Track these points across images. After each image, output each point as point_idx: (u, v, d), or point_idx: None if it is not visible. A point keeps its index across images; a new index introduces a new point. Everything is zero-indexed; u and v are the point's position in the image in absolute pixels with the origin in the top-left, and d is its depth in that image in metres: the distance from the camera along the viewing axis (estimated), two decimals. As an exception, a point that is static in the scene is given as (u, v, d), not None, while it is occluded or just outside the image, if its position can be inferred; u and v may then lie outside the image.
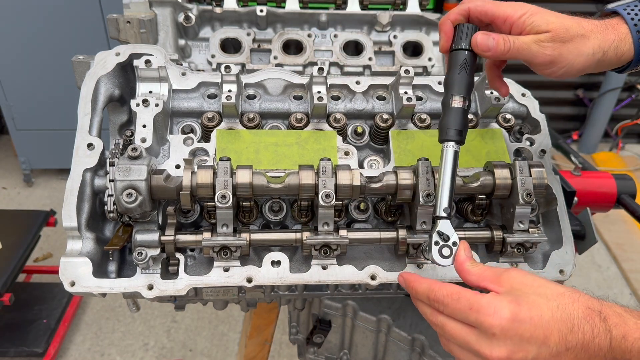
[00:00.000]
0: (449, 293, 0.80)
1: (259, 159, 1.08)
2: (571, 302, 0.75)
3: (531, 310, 0.74)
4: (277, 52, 1.54)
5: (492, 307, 0.76)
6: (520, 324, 0.74)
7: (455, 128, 0.91)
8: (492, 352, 0.75)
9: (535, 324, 0.74)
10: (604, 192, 1.47)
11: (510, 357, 0.75)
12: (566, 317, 0.74)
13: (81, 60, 1.19)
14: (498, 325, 0.74)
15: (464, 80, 0.93)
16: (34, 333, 2.79)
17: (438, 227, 0.89)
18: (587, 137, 4.92)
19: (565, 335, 0.73)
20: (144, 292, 0.98)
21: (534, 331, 0.73)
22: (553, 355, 0.73)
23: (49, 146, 3.96)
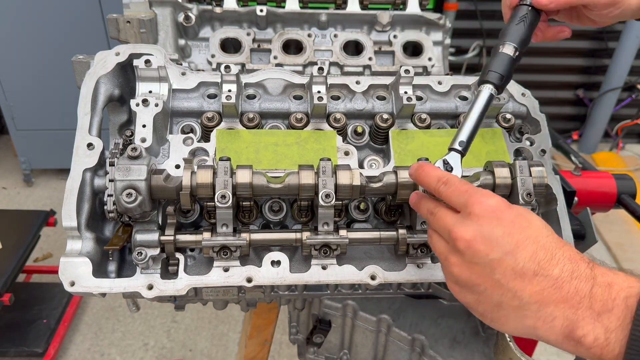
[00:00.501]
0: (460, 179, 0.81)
1: (259, 159, 1.08)
2: (562, 245, 0.72)
3: (517, 218, 0.72)
4: (277, 52, 1.54)
5: (485, 196, 0.75)
6: (499, 218, 0.72)
7: (497, 72, 0.90)
8: (459, 229, 0.74)
9: (511, 229, 0.71)
10: (604, 192, 1.47)
11: (471, 243, 0.72)
12: (549, 246, 0.70)
13: (81, 60, 1.19)
14: (477, 208, 0.73)
15: (520, 32, 0.94)
16: (34, 333, 2.79)
17: (447, 155, 0.89)
18: (587, 137, 4.92)
19: (539, 260, 0.69)
20: (144, 292, 0.98)
21: (508, 233, 0.71)
22: (516, 272, 0.70)
23: (49, 146, 3.96)
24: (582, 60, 4.79)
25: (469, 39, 4.44)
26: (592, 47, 4.70)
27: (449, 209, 0.80)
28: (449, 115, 1.19)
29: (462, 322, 1.42)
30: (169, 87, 1.12)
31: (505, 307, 0.72)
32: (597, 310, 0.66)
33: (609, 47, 4.58)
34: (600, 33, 4.58)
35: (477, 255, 0.72)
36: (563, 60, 4.78)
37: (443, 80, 1.20)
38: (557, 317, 0.68)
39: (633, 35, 4.29)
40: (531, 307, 0.70)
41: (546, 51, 4.69)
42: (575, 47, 4.72)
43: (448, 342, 1.40)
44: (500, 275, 0.71)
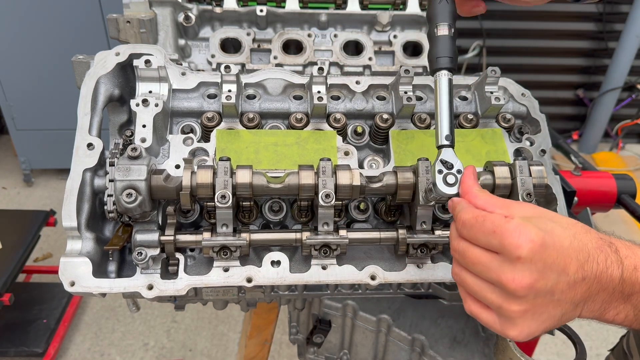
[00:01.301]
0: (475, 215, 0.77)
1: (259, 159, 1.08)
2: (584, 232, 0.74)
3: (553, 237, 0.72)
4: (277, 52, 1.54)
5: (518, 230, 0.71)
6: (546, 249, 0.71)
7: (446, 55, 0.89)
8: (514, 277, 0.71)
9: (558, 250, 0.71)
10: (604, 192, 1.47)
11: (533, 285, 0.71)
12: (582, 247, 0.73)
13: (81, 60, 1.19)
14: (525, 248, 0.70)
15: (446, 8, 0.92)
16: (34, 333, 2.79)
17: (441, 155, 0.88)
18: (587, 137, 4.92)
19: (582, 264, 0.72)
20: (144, 292, 0.98)
21: (556, 258, 0.71)
22: (570, 285, 0.72)
23: (48, 146, 3.96)
24: (582, 60, 4.79)
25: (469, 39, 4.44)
26: (592, 47, 4.70)
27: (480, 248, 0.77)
28: (449, 115, 1.19)
29: (462, 322, 1.42)
30: (169, 87, 1.12)
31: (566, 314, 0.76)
32: (627, 293, 0.73)
33: (609, 47, 4.58)
34: (600, 33, 4.58)
35: (540, 292, 0.73)
36: (563, 60, 4.78)
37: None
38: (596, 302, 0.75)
39: (633, 35, 4.29)
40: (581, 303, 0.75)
41: (546, 51, 4.70)
42: (575, 47, 4.72)
43: (448, 342, 1.40)
44: (559, 294, 0.73)
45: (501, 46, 4.58)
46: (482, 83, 1.16)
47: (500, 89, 1.18)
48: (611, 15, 4.52)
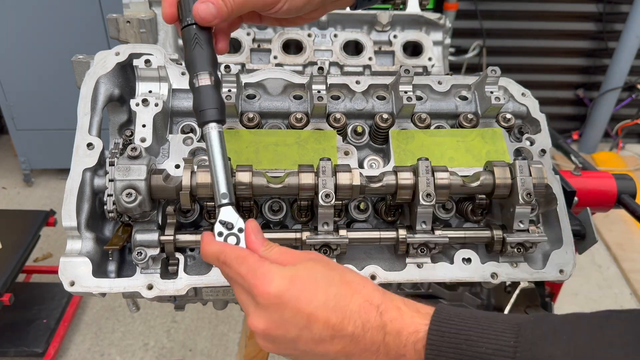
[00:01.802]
0: (236, 256, 0.77)
1: (259, 159, 1.08)
2: (351, 294, 0.73)
3: (302, 292, 0.72)
4: (277, 51, 1.54)
5: (266, 277, 0.73)
6: (284, 302, 0.72)
7: (211, 107, 0.84)
8: (252, 320, 0.75)
9: (300, 307, 0.71)
10: (604, 192, 1.47)
11: (267, 332, 0.74)
12: (339, 308, 0.72)
13: (81, 60, 1.19)
14: (262, 296, 0.72)
15: (203, 55, 0.87)
16: (34, 333, 2.79)
17: (220, 215, 0.82)
18: (587, 136, 4.92)
19: (333, 324, 0.71)
20: (144, 292, 0.98)
21: (296, 313, 0.72)
22: (316, 341, 0.72)
23: (48, 146, 3.96)
24: (582, 60, 4.79)
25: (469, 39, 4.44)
26: (592, 47, 4.70)
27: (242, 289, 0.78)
28: (449, 115, 1.19)
29: (462, 322, 1.42)
30: (169, 87, 1.12)
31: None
32: (393, 356, 0.71)
33: (609, 47, 4.57)
34: (600, 33, 4.58)
35: (277, 339, 0.75)
36: (563, 60, 4.78)
37: (443, 80, 1.19)
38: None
39: (633, 35, 4.29)
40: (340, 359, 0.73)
41: (546, 51, 4.69)
42: (576, 47, 4.72)
43: (448, 342, 1.40)
44: (304, 346, 0.73)
45: (501, 46, 4.58)
46: (482, 83, 1.16)
47: (501, 88, 1.18)
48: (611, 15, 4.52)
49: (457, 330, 0.69)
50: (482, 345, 0.66)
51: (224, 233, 0.82)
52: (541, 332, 0.65)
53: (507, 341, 0.65)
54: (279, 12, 0.89)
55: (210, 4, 0.85)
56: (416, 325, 0.71)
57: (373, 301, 0.73)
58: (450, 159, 1.12)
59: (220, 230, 0.82)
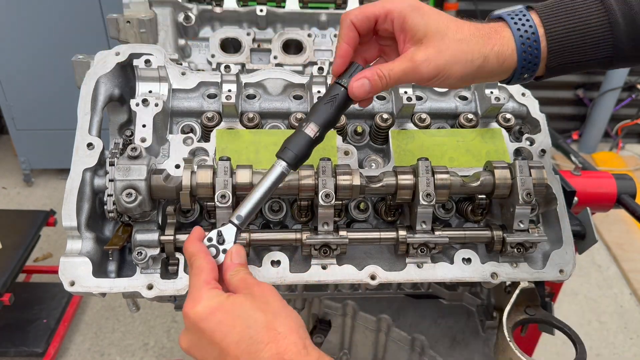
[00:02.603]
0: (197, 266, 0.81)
1: (259, 159, 1.08)
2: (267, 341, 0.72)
3: (218, 325, 0.74)
4: (277, 51, 1.54)
5: (195, 299, 0.76)
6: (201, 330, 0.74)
7: (295, 152, 0.88)
8: (180, 338, 0.79)
9: (214, 337, 0.73)
10: (604, 192, 1.47)
11: (189, 351, 0.78)
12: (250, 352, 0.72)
13: (81, 60, 1.19)
14: (185, 315, 0.76)
15: (327, 114, 0.89)
16: (34, 333, 2.79)
17: (223, 227, 0.87)
18: (587, 136, 4.92)
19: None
20: (144, 291, 0.98)
21: (210, 342, 0.74)
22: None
23: (48, 146, 3.96)
24: (582, 60, 4.78)
25: (469, 39, 4.44)
26: (592, 47, 4.70)
27: None
28: (449, 115, 1.19)
29: (462, 322, 1.43)
30: (169, 87, 1.12)
31: None
32: None
33: (609, 47, 4.57)
34: (600, 33, 4.58)
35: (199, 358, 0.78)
36: (563, 60, 4.77)
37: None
38: None
39: (633, 35, 4.29)
40: None
41: (546, 51, 4.69)
42: (575, 47, 4.72)
43: (448, 342, 1.40)
44: None
45: (501, 46, 4.58)
46: (482, 83, 1.16)
47: (500, 89, 1.18)
48: (611, 15, 4.52)
49: None
50: None
51: (213, 240, 0.86)
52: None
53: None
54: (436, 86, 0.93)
55: (367, 81, 0.86)
56: None
57: (285, 355, 0.72)
58: (450, 159, 1.12)
59: (211, 237, 0.86)
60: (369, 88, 0.86)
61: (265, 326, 0.74)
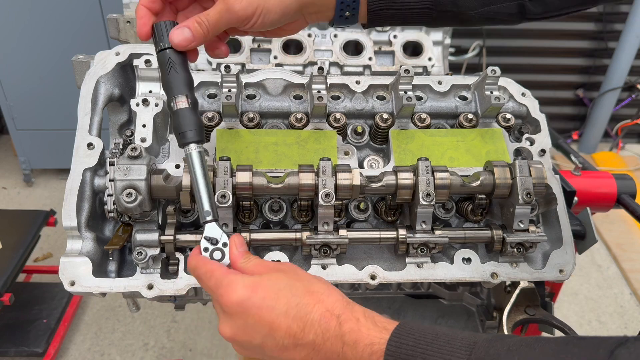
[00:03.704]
0: (206, 271, 0.81)
1: (259, 159, 1.08)
2: (314, 303, 0.75)
3: (264, 301, 0.75)
4: (277, 51, 1.54)
5: (230, 287, 0.76)
6: (246, 310, 0.75)
7: (190, 129, 0.87)
8: (221, 327, 0.78)
9: (262, 314, 0.74)
10: (604, 192, 1.47)
11: (234, 338, 0.77)
12: (301, 317, 0.74)
13: (81, 60, 1.19)
14: (226, 304, 0.76)
15: (178, 79, 0.88)
16: (34, 333, 2.79)
17: (205, 232, 0.85)
18: (587, 136, 4.92)
19: (294, 332, 0.73)
20: (144, 291, 0.98)
21: (258, 320, 0.74)
22: (280, 348, 0.75)
23: (49, 146, 3.96)
24: (582, 60, 4.79)
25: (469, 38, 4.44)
26: (592, 47, 4.70)
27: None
28: (449, 115, 1.19)
29: (462, 322, 1.42)
30: (169, 87, 1.12)
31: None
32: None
33: (609, 47, 4.57)
34: (600, 33, 4.58)
35: (243, 345, 0.78)
36: (563, 60, 4.77)
37: (443, 80, 1.20)
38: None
39: (633, 35, 4.29)
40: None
41: (546, 51, 4.69)
42: (576, 47, 4.72)
43: (448, 342, 1.40)
44: (270, 352, 0.76)
45: (501, 46, 4.58)
46: (482, 83, 1.16)
47: (500, 88, 1.18)
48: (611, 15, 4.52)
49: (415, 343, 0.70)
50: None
51: (210, 248, 0.85)
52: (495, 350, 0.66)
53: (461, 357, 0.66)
54: (255, 27, 0.90)
55: (186, 29, 0.86)
56: (371, 338, 0.72)
57: (334, 311, 0.74)
58: (450, 159, 1.12)
59: (205, 246, 0.85)
60: (190, 35, 0.86)
61: (307, 291, 0.76)
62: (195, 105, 0.89)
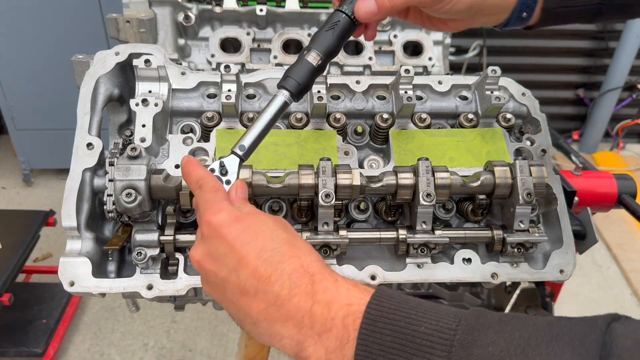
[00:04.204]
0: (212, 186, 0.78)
1: (259, 159, 1.08)
2: (290, 255, 0.70)
3: (241, 233, 0.71)
4: (277, 51, 1.54)
5: (216, 209, 0.73)
6: (221, 236, 0.71)
7: (297, 80, 0.86)
8: (193, 249, 0.75)
9: (235, 245, 0.70)
10: (604, 192, 1.47)
11: (201, 263, 0.73)
12: (271, 262, 0.69)
13: (81, 59, 1.18)
14: (205, 224, 0.73)
15: (328, 41, 0.89)
16: (34, 333, 2.79)
17: (225, 158, 0.84)
18: (587, 136, 4.92)
19: (259, 275, 0.68)
20: (144, 292, 0.98)
21: (230, 251, 0.70)
22: (241, 290, 0.69)
23: (48, 146, 3.96)
24: (583, 59, 4.79)
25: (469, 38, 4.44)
26: (592, 47, 4.70)
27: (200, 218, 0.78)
28: (449, 115, 1.19)
29: (462, 322, 1.42)
30: (169, 86, 1.12)
31: (245, 323, 0.72)
32: (318, 331, 0.65)
33: (609, 46, 4.57)
34: (600, 33, 4.58)
35: (209, 274, 0.73)
36: (563, 60, 4.77)
37: (443, 79, 1.19)
38: (285, 336, 0.68)
39: (633, 34, 4.29)
40: (262, 325, 0.69)
41: (546, 51, 4.69)
42: (576, 46, 4.72)
43: (448, 342, 1.39)
44: (230, 293, 0.71)
45: (501, 46, 4.58)
46: (483, 83, 1.16)
47: (501, 88, 1.18)
48: (611, 15, 4.52)
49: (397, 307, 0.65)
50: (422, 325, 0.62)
51: (216, 173, 0.84)
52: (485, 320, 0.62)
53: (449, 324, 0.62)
54: (442, 11, 0.90)
55: (373, 1, 0.86)
56: (350, 299, 0.66)
57: (309, 269, 0.69)
58: (450, 159, 1.12)
59: (213, 168, 0.84)
60: (375, 8, 0.86)
61: (288, 242, 0.72)
62: (319, 71, 0.89)
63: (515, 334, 0.60)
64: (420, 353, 0.60)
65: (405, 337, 0.61)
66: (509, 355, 0.58)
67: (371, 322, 0.63)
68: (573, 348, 0.56)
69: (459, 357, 0.59)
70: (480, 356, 0.58)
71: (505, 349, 0.58)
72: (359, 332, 0.63)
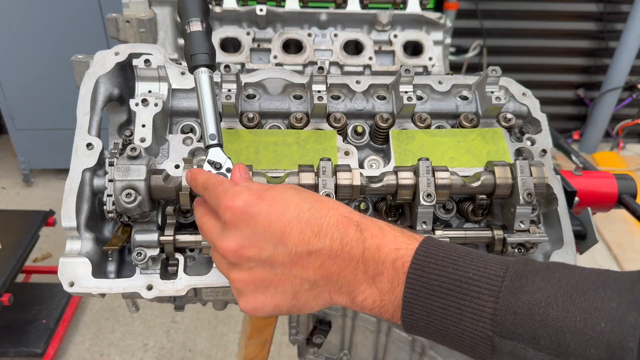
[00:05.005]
0: (216, 180, 0.76)
1: (259, 159, 1.07)
2: (327, 210, 0.69)
3: (272, 206, 0.69)
4: (277, 51, 1.54)
5: (233, 194, 0.71)
6: (254, 216, 0.68)
7: (202, 52, 0.86)
8: (222, 242, 0.71)
9: (271, 219, 0.68)
10: (604, 192, 1.46)
11: (240, 252, 0.69)
12: (314, 221, 0.68)
13: (80, 59, 1.18)
14: (228, 215, 0.69)
15: (194, 3, 0.89)
16: (33, 333, 2.79)
17: (209, 155, 0.84)
18: (587, 136, 4.92)
19: (308, 238, 0.67)
20: (143, 292, 0.98)
21: (268, 227, 0.68)
22: (292, 258, 0.68)
23: (48, 146, 3.96)
24: (583, 59, 4.79)
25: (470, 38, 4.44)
26: (592, 47, 4.70)
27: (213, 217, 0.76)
28: (450, 115, 1.19)
29: (462, 323, 1.42)
30: (169, 86, 1.12)
31: (301, 293, 0.71)
32: (371, 274, 0.67)
33: (609, 46, 4.58)
34: (600, 32, 4.58)
35: (251, 260, 0.70)
36: (564, 60, 4.78)
37: (443, 79, 1.19)
38: (342, 286, 0.69)
39: (634, 34, 4.29)
40: (319, 283, 0.69)
41: (546, 51, 4.69)
42: (576, 46, 4.72)
43: (448, 343, 1.39)
44: (281, 267, 0.69)
45: (502, 45, 4.58)
46: (483, 83, 1.16)
47: (501, 88, 1.18)
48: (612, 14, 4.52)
49: (445, 254, 0.66)
50: (470, 271, 0.63)
51: (213, 172, 0.85)
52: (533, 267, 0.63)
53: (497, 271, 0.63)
54: None
55: None
56: (398, 244, 0.67)
57: (352, 218, 0.69)
58: (450, 159, 1.11)
59: (209, 169, 0.85)
60: None
61: (317, 199, 0.71)
62: (209, 32, 0.89)
63: (563, 280, 0.61)
64: (468, 298, 0.62)
65: (453, 282, 0.63)
66: (555, 301, 0.59)
67: (419, 267, 0.65)
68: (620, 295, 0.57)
69: (506, 302, 0.60)
70: (527, 302, 0.60)
71: (552, 295, 0.59)
72: (407, 275, 0.65)
